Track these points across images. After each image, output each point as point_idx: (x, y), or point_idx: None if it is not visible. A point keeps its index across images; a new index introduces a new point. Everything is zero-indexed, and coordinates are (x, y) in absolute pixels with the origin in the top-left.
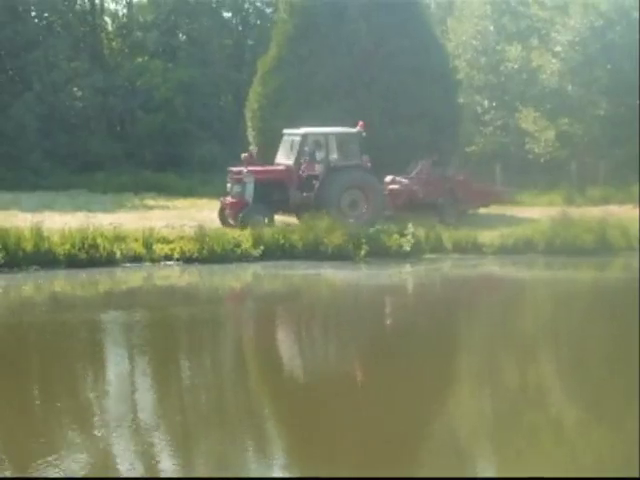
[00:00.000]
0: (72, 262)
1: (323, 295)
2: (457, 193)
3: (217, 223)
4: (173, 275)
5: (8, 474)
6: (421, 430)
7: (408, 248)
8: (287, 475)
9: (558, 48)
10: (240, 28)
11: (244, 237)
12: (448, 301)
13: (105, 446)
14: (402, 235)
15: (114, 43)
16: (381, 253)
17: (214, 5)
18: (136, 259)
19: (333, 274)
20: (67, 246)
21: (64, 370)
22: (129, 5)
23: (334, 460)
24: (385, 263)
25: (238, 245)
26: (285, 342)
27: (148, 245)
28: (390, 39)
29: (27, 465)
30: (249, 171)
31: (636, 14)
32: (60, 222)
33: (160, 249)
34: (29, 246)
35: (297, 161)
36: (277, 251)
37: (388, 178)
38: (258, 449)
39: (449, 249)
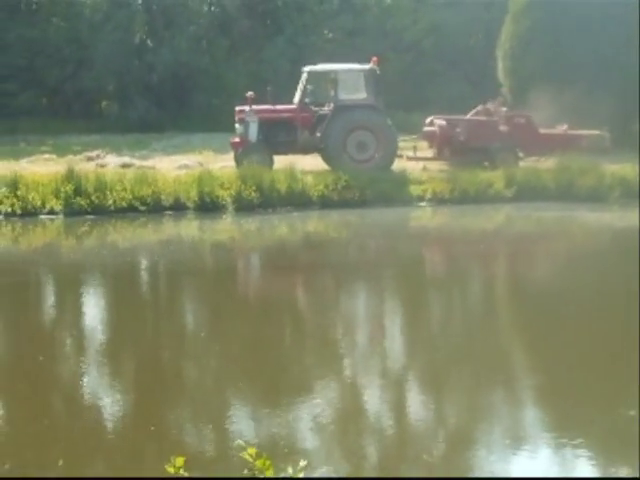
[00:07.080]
0: (325, 203)
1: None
2: (516, 137)
3: None
4: (425, 216)
5: None
6: None
7: None
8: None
9: None
10: None
11: (496, 178)
12: None
13: None
14: None
15: None
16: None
17: None
18: (388, 200)
19: (587, 216)
20: (320, 187)
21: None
22: None
23: None
24: None
25: (490, 186)
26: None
27: (400, 186)
28: None
29: None
30: (252, 110)
31: None
32: (311, 164)
33: (412, 190)
34: (283, 187)
35: (302, 100)
36: (529, 192)
37: (428, 119)
38: None
39: None
